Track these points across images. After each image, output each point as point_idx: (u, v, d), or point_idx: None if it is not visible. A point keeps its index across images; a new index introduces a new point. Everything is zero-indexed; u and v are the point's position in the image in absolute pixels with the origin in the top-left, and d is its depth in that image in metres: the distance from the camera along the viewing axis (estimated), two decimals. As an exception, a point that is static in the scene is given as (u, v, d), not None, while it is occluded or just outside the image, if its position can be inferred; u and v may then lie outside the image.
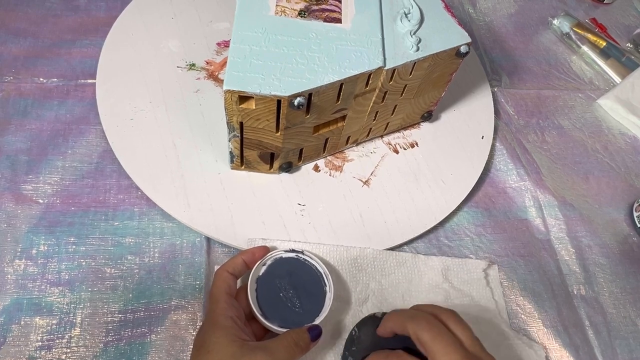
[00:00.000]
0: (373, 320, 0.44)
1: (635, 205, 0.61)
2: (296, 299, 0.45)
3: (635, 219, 0.60)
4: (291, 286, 0.45)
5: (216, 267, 0.45)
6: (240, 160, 0.52)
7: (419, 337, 0.36)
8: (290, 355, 0.39)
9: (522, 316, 0.52)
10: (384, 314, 0.43)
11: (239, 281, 0.45)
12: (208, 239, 0.50)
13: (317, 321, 0.44)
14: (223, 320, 0.39)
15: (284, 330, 0.42)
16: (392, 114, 0.55)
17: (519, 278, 0.55)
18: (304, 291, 0.45)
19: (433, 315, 0.38)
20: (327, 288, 0.45)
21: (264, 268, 0.46)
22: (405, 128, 0.60)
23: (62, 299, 0.45)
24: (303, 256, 0.47)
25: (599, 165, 0.65)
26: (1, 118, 0.54)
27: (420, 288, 0.50)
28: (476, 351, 0.36)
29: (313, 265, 0.47)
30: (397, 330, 0.39)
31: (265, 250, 0.46)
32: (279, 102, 0.43)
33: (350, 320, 0.47)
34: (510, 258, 0.56)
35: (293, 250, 0.47)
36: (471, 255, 0.55)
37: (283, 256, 0.47)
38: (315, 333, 0.42)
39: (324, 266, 0.46)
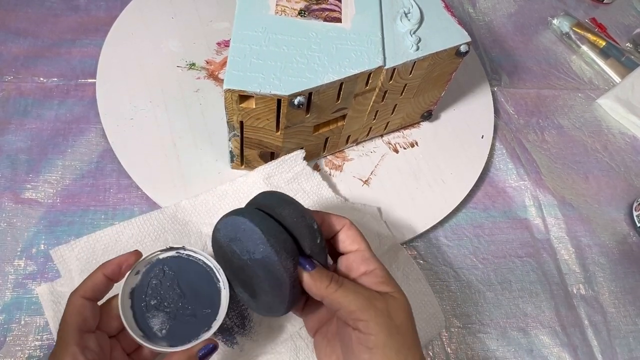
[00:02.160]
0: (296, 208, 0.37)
1: (635, 204, 0.61)
2: (186, 305, 0.38)
3: (635, 218, 0.60)
4: (176, 292, 0.38)
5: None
6: (240, 160, 0.52)
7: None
8: None
9: (522, 315, 0.52)
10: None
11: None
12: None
13: (214, 327, 0.37)
14: None
15: (177, 349, 0.35)
16: (392, 113, 0.55)
17: (517, 277, 0.55)
18: (193, 294, 0.38)
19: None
20: (221, 284, 0.39)
21: (137, 277, 0.38)
22: (405, 127, 0.60)
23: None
24: (185, 252, 0.40)
25: (599, 164, 0.65)
26: (1, 118, 0.54)
27: None
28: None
29: (199, 260, 0.40)
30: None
31: (136, 255, 0.38)
32: (279, 101, 0.43)
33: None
34: (510, 257, 0.56)
35: (171, 248, 0.39)
36: (471, 254, 0.55)
37: (160, 257, 0.39)
38: (206, 352, 0.35)
39: (211, 259, 0.39)
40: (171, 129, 0.55)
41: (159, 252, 0.39)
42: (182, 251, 0.40)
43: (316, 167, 0.55)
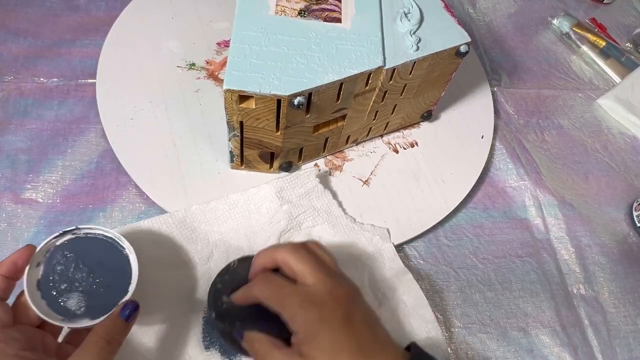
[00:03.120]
0: (251, 259, 0.42)
1: (635, 204, 0.61)
2: (97, 280, 0.39)
3: (635, 218, 0.60)
4: (84, 270, 0.39)
5: None
6: (240, 160, 0.52)
7: (287, 262, 0.38)
8: (106, 356, 0.34)
9: (522, 315, 0.52)
10: None
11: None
12: (208, 239, 0.50)
13: (131, 289, 0.39)
14: None
15: (98, 321, 0.37)
16: (392, 113, 0.55)
17: (518, 277, 0.55)
18: (101, 268, 0.39)
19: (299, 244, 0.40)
20: (127, 250, 0.40)
21: (40, 268, 0.39)
22: (405, 127, 0.60)
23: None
24: (81, 231, 0.40)
25: (599, 164, 0.65)
26: (1, 118, 0.54)
27: (261, 220, 0.49)
28: (334, 267, 0.39)
29: (98, 234, 0.41)
30: (267, 264, 0.39)
31: (29, 250, 0.38)
32: (278, 101, 0.43)
33: (203, 282, 0.46)
34: (510, 258, 0.56)
35: (65, 232, 0.40)
36: (472, 254, 0.55)
37: (57, 243, 0.40)
38: (129, 311, 0.37)
39: (110, 230, 0.40)
40: (171, 129, 0.55)
41: (54, 240, 0.40)
42: (77, 232, 0.40)
43: (316, 167, 0.55)
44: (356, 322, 0.36)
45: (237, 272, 0.42)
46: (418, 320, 0.47)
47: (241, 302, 0.39)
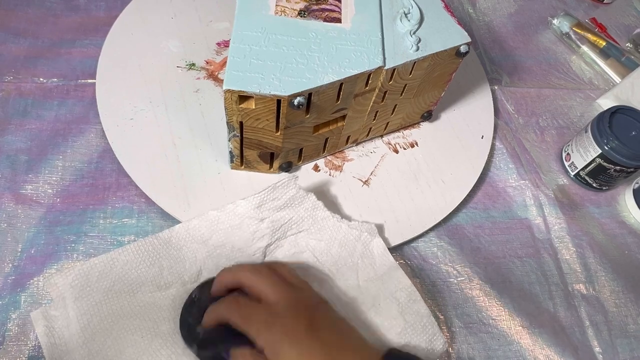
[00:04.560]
0: (210, 283, 0.43)
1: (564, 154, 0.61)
2: None
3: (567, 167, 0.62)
4: None
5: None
6: (240, 160, 0.52)
7: (249, 281, 0.40)
8: None
9: (523, 315, 0.52)
10: None
11: None
12: (208, 239, 0.50)
13: None
14: None
15: None
16: (392, 113, 0.55)
17: (518, 277, 0.55)
18: None
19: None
20: None
21: None
22: (405, 128, 0.60)
23: (62, 299, 0.45)
24: None
25: (599, 164, 0.65)
26: (1, 118, 0.54)
27: (244, 236, 0.48)
28: (296, 281, 0.41)
29: None
30: (229, 283, 0.41)
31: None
32: (278, 101, 0.43)
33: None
34: (510, 257, 0.56)
35: None
36: (472, 254, 0.55)
37: None
38: None
39: None
40: (171, 129, 0.55)
41: None
42: None
43: (316, 168, 0.55)
44: (322, 330, 0.37)
45: (202, 300, 0.43)
46: (413, 316, 0.47)
47: (211, 324, 0.40)
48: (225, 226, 0.48)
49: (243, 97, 0.43)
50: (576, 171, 0.61)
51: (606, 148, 0.57)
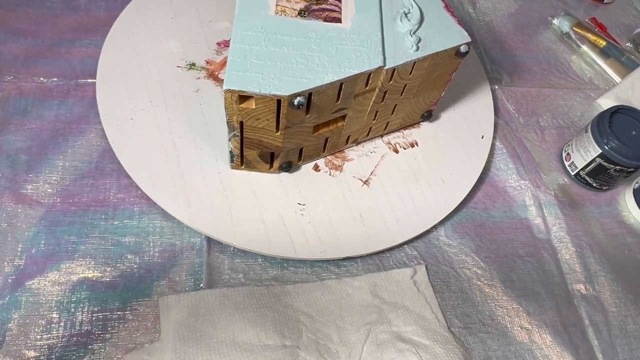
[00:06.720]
0: None
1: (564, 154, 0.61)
2: None
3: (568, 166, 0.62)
4: None
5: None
6: (240, 160, 0.52)
7: None
8: None
9: (523, 315, 0.52)
10: None
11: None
12: (208, 239, 0.50)
13: None
14: None
15: None
16: (392, 113, 0.55)
17: (518, 277, 0.55)
18: None
19: None
20: None
21: None
22: (405, 127, 0.60)
23: (62, 298, 0.45)
24: None
25: (599, 164, 0.65)
26: (1, 117, 0.54)
27: (352, 311, 0.49)
28: None
29: None
30: None
31: None
32: (278, 101, 0.43)
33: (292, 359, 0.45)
34: (510, 257, 0.56)
35: None
36: (472, 254, 0.55)
37: None
38: None
39: None
40: (171, 129, 0.55)
41: None
42: None
43: (316, 167, 0.55)
44: None
45: None
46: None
47: None
48: (337, 295, 0.49)
49: (243, 97, 0.43)
50: (576, 171, 0.61)
51: (606, 148, 0.57)
